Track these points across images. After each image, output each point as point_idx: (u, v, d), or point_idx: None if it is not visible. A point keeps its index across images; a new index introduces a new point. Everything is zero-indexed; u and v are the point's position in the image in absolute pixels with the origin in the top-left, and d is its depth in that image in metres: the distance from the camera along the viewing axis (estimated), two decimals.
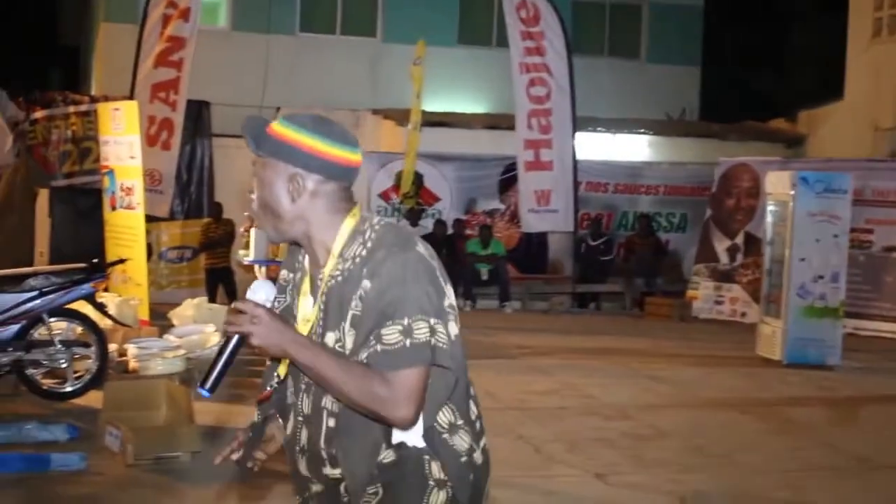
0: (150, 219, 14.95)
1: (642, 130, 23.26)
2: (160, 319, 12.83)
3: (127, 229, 13.47)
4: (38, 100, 19.33)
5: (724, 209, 18.87)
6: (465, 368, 2.98)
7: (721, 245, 18.69)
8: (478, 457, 3.01)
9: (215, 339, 11.57)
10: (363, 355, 2.82)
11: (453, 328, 2.88)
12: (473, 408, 3.03)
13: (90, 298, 10.01)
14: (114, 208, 13.71)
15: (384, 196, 19.91)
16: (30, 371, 9.47)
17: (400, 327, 2.78)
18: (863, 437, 9.72)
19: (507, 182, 20.26)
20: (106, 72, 23.36)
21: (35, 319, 9.47)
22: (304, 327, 2.98)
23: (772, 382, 12.31)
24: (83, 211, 16.40)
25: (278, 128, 2.95)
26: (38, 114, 18.87)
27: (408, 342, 2.77)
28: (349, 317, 2.87)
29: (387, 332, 2.78)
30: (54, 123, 18.92)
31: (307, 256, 3.06)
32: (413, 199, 19.29)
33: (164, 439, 7.91)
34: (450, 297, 2.92)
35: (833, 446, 9.26)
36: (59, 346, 9.51)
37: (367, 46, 24.65)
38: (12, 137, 18.20)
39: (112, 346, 10.43)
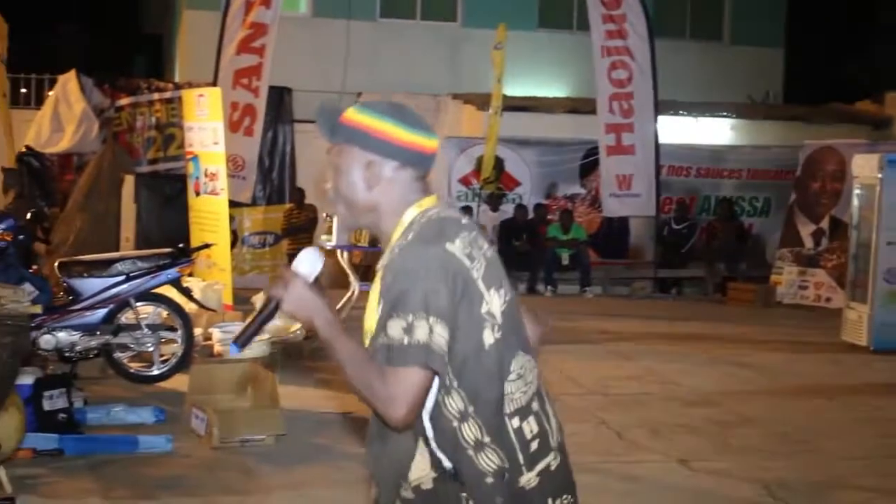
0: (232, 204, 15.08)
1: (725, 114, 23.01)
2: (243, 304, 12.95)
3: (211, 214, 13.59)
4: (123, 87, 19.64)
5: (809, 193, 18.64)
6: (500, 381, 2.86)
7: (805, 229, 18.47)
8: (525, 480, 2.86)
9: (298, 324, 11.67)
10: (372, 348, 2.81)
11: (488, 336, 2.81)
12: (532, 426, 2.90)
13: (176, 283, 10.14)
14: (198, 194, 13.84)
15: (464, 181, 19.88)
16: (117, 354, 9.62)
17: (404, 323, 2.72)
18: None
19: (589, 166, 20.13)
20: (189, 59, 23.59)
21: (122, 303, 9.63)
22: (370, 317, 2.92)
23: (858, 369, 12.16)
24: (168, 196, 16.58)
25: (353, 114, 2.95)
26: (123, 101, 19.18)
27: (405, 340, 2.71)
28: (380, 308, 2.82)
29: (391, 326, 2.74)
30: (139, 110, 19.23)
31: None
32: (494, 184, 19.27)
33: (249, 422, 8.01)
34: (489, 304, 2.82)
35: None
36: (146, 329, 9.66)
37: (448, 31, 24.63)
38: (98, 124, 18.51)
39: (197, 331, 10.55)
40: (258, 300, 12.53)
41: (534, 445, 2.88)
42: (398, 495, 2.91)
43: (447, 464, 2.83)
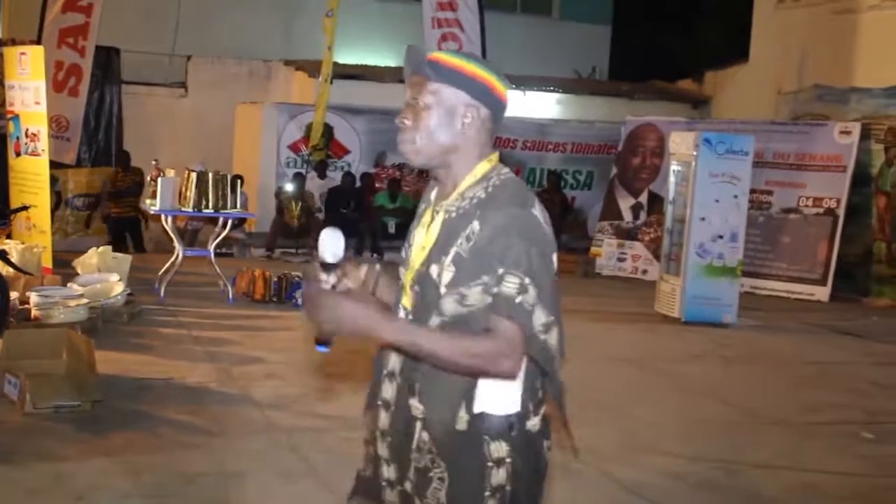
0: (56, 165, 14.73)
1: (552, 88, 23.29)
2: (64, 267, 12.68)
3: (32, 176, 13.26)
4: None
5: (630, 168, 19.08)
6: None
7: (625, 203, 18.91)
8: (531, 424, 3.03)
9: (119, 289, 11.51)
10: (471, 301, 2.85)
11: (554, 285, 2.93)
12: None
13: None
14: (18, 154, 13.49)
15: (294, 147, 19.75)
16: None
17: (519, 281, 2.79)
18: (754, 392, 9.93)
19: None
20: (12, 15, 22.86)
21: None
22: (418, 255, 3.01)
23: (669, 339, 12.52)
24: None
25: (453, 58, 3.02)
26: None
27: (518, 299, 2.79)
28: (452, 253, 2.88)
29: (507, 281, 2.80)
30: None
31: (435, 189, 3.14)
32: (322, 152, 19.19)
33: (64, 388, 7.84)
34: (554, 259, 2.96)
35: (725, 402, 9.45)
36: None
37: None
38: None
39: (14, 294, 10.28)
40: (79, 264, 12.32)
41: (539, 394, 3.05)
42: (448, 429, 2.96)
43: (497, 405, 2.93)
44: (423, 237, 3.05)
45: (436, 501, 2.99)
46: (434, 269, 2.92)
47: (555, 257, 2.96)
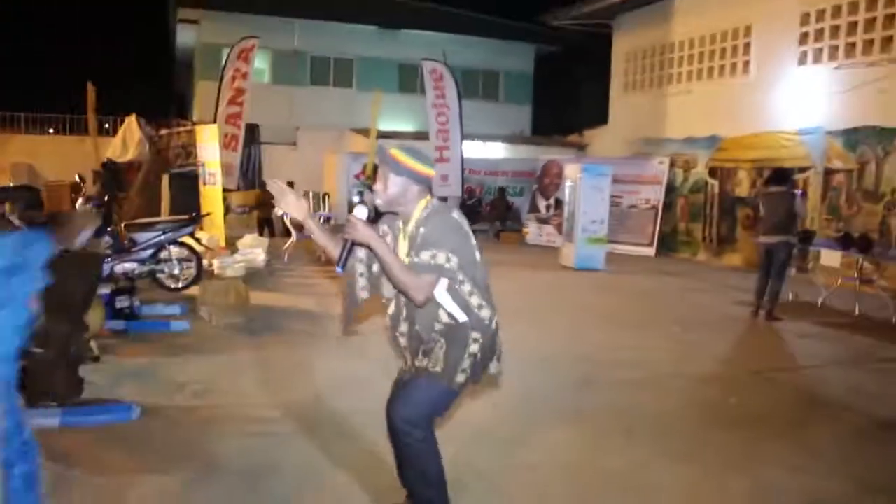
0: (226, 190, 14.68)
1: (500, 141, 23.24)
2: (231, 246, 12.72)
3: (211, 197, 13.28)
4: (163, 123, 18.87)
5: (544, 184, 19.07)
6: (485, 278, 3.17)
7: (542, 203, 18.89)
8: (493, 324, 3.21)
9: (262, 257, 11.54)
10: (416, 260, 3.03)
11: (477, 255, 3.10)
12: (489, 300, 3.21)
13: (191, 234, 9.90)
14: (204, 185, 13.50)
15: (357, 176, 19.76)
16: (158, 276, 9.39)
17: (430, 253, 2.97)
18: (613, 307, 9.94)
19: None
20: (201, 107, 22.84)
21: (161, 246, 9.39)
22: (401, 255, 3.15)
23: (569, 278, 12.51)
24: (188, 186, 16.03)
25: (400, 155, 3.11)
26: (163, 131, 18.40)
27: (432, 262, 2.96)
28: (416, 248, 3.06)
29: (423, 254, 2.98)
30: (172, 137, 18.49)
31: (400, 220, 3.22)
32: (372, 179, 19.17)
33: (232, 312, 7.94)
34: (474, 241, 3.12)
35: (598, 313, 9.46)
36: (175, 261, 9.44)
37: (348, 93, 24.31)
38: (148, 145, 17.78)
39: (204, 262, 10.35)
40: (240, 244, 12.33)
41: (496, 318, 3.22)
42: (433, 329, 3.13)
43: (459, 318, 3.11)
44: (402, 246, 3.16)
45: (436, 357, 3.13)
46: (408, 259, 3.07)
47: (472, 240, 3.09)
